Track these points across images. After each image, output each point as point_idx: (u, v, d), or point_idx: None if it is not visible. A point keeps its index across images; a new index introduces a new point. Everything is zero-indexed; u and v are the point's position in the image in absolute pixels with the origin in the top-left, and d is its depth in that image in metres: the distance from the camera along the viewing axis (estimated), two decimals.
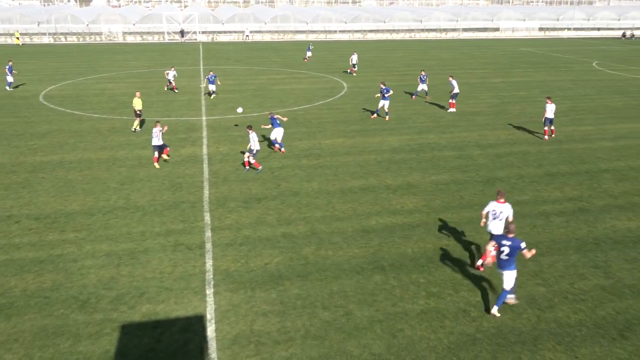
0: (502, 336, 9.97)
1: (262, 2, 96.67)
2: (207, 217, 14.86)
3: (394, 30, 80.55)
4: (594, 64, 49.54)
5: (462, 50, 60.82)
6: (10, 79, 33.38)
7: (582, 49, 63.46)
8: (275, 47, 63.73)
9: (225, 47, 62.91)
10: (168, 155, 19.62)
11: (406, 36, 79.80)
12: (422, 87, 31.18)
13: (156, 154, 19.08)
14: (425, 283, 11.71)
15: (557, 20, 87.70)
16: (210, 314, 10.52)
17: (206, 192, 16.75)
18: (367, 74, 41.79)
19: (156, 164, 19.01)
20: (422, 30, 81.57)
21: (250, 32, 73.61)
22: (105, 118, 26.35)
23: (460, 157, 20.64)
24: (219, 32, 74.47)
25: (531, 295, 11.29)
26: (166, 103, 29.94)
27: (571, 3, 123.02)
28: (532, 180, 18.18)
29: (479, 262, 12.22)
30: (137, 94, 24.00)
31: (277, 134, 20.67)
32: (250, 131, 18.46)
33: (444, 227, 14.52)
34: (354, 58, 41.59)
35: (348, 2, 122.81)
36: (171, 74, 33.20)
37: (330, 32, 77.59)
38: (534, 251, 10.17)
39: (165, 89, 33.83)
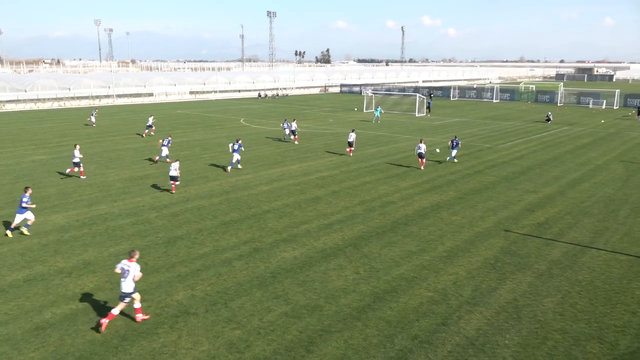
0: None
1: None
2: None
3: (39, 100, 73.49)
4: (241, 121, 56.39)
5: (120, 116, 60.12)
6: None
7: (229, 109, 71.47)
8: None
9: None
10: None
11: (55, 105, 73.82)
12: (236, 156, 30.11)
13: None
14: None
15: (204, 84, 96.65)
16: None
17: None
18: (15, 149, 36.62)
19: None
20: (73, 98, 77.11)
21: None
22: None
23: (137, 223, 20.09)
24: None
25: (229, 341, 11.74)
26: None
27: (213, 69, 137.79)
28: (211, 232, 19.16)
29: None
30: None
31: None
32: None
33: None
34: (150, 120, 45.17)
35: None
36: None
37: None
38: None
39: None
